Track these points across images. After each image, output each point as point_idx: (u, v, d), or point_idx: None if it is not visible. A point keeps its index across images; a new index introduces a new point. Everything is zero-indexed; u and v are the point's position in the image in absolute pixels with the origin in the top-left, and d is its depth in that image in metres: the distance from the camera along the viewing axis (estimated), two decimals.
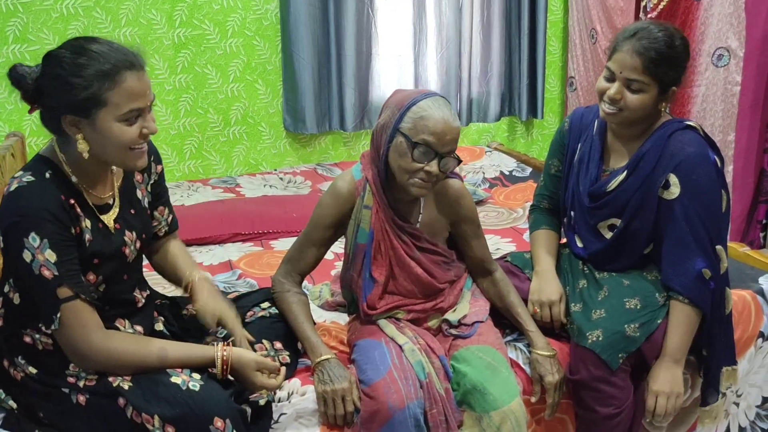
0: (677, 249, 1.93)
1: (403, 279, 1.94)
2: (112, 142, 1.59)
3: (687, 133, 1.96)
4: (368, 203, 1.90)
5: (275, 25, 3.62)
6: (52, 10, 3.26)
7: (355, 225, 1.92)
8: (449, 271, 2.01)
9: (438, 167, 1.78)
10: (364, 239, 1.91)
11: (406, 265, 1.93)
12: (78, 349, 1.61)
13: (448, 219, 1.99)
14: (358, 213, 1.91)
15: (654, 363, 1.94)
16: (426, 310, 1.98)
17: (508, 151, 3.97)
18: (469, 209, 1.99)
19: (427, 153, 1.77)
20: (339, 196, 1.93)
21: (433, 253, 1.97)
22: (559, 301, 2.05)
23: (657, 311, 1.95)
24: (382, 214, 1.90)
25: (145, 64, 1.63)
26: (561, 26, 4.23)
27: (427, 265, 1.95)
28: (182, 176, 3.66)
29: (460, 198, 1.97)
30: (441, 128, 1.76)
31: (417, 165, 1.78)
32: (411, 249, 1.93)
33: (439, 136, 1.76)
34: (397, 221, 1.91)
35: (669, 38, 1.89)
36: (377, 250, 1.92)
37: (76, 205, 1.64)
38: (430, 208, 1.96)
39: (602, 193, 2.05)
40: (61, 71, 1.54)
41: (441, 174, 1.81)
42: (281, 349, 1.87)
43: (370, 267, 1.92)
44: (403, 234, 1.92)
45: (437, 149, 1.77)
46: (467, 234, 2.01)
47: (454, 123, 1.78)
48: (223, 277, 2.57)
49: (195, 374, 1.65)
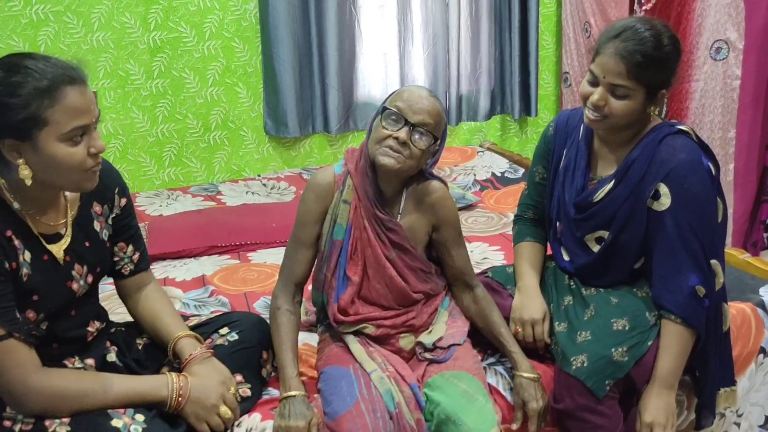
0: (668, 264, 1.79)
1: (377, 281, 1.86)
2: (59, 166, 1.47)
3: (679, 138, 1.82)
4: (347, 198, 1.85)
5: (255, 25, 3.50)
6: (21, 16, 3.15)
7: (331, 220, 1.86)
8: (426, 283, 1.91)
9: (408, 136, 1.75)
10: (340, 235, 1.85)
11: (381, 265, 1.85)
12: (14, 390, 1.49)
13: (428, 222, 1.91)
14: (336, 208, 1.86)
15: (645, 388, 1.80)
16: (396, 326, 1.87)
17: (500, 151, 3.84)
18: (450, 212, 1.92)
19: (398, 119, 1.77)
20: (319, 189, 1.88)
21: (411, 257, 1.88)
22: (542, 320, 1.91)
23: (647, 332, 1.80)
24: (361, 208, 1.84)
25: (87, 78, 1.51)
26: (554, 20, 4.08)
27: (401, 269, 1.86)
28: (162, 184, 3.55)
29: (441, 200, 1.90)
30: (412, 97, 1.79)
31: (386, 131, 1.77)
32: (388, 249, 1.85)
33: (409, 103, 1.77)
34: (378, 215, 1.84)
35: (656, 38, 1.74)
36: (353, 248, 1.85)
37: (13, 237, 1.51)
38: (410, 209, 1.89)
39: (589, 204, 1.91)
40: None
41: (413, 147, 1.77)
42: (242, 382, 1.75)
43: (345, 265, 1.84)
44: (381, 231, 1.85)
45: (407, 116, 1.76)
46: (447, 240, 1.92)
47: (428, 97, 1.80)
48: (195, 294, 2.46)
49: (139, 415, 1.53)
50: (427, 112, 1.77)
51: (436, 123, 1.79)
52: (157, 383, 1.61)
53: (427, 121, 1.77)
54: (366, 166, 1.84)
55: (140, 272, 1.83)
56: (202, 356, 1.69)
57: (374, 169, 1.83)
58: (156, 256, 2.72)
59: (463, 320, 1.95)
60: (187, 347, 1.71)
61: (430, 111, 1.78)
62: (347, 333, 1.86)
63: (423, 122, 1.76)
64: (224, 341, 1.80)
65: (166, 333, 1.75)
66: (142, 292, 1.83)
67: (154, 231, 2.88)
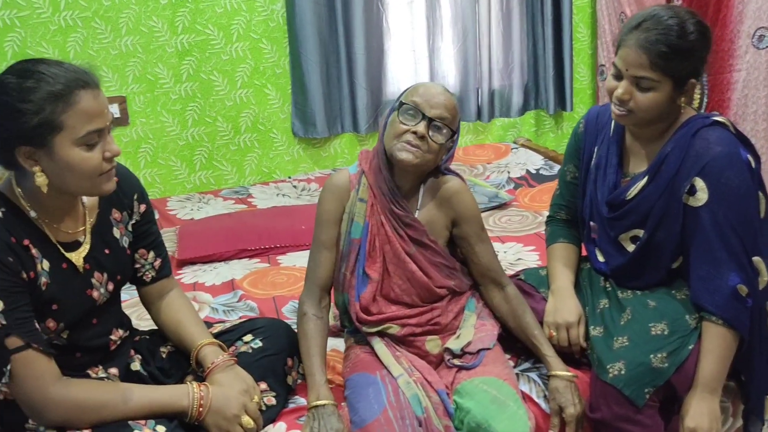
0: (707, 263, 1.71)
1: (398, 277, 1.82)
2: (75, 171, 1.46)
3: (714, 130, 1.73)
4: (363, 196, 1.84)
5: (282, 26, 3.47)
6: (50, 23, 3.16)
7: (348, 219, 1.84)
8: (449, 278, 1.86)
9: (426, 130, 1.74)
10: (358, 233, 1.83)
11: (401, 261, 1.81)
12: (33, 402, 1.47)
13: (447, 217, 1.87)
14: (352, 206, 1.84)
15: (687, 395, 1.71)
16: (421, 324, 1.82)
17: (535, 148, 3.75)
18: (469, 206, 1.88)
19: (415, 114, 1.76)
20: (335, 188, 1.87)
21: (432, 253, 1.84)
22: (577, 323, 1.84)
23: (687, 336, 1.71)
24: (378, 205, 1.82)
25: (99, 82, 1.49)
26: (588, 11, 3.97)
27: (423, 264, 1.83)
28: (193, 188, 3.55)
29: (458, 194, 1.87)
30: (428, 92, 1.78)
31: (404, 126, 1.75)
32: (407, 244, 1.82)
33: (426, 97, 1.77)
34: (394, 210, 1.82)
35: (680, 27, 1.65)
36: (372, 246, 1.83)
37: (31, 246, 1.50)
38: (428, 204, 1.86)
39: (622, 202, 1.83)
40: (7, 98, 1.41)
41: (431, 141, 1.75)
42: (266, 390, 1.71)
43: (364, 262, 1.82)
44: (399, 227, 1.82)
45: (424, 110, 1.75)
46: (470, 235, 1.87)
47: (444, 92, 1.80)
48: (224, 299, 2.45)
49: (160, 427, 1.51)
50: (444, 106, 1.76)
51: (452, 117, 1.78)
52: (177, 393, 1.58)
53: (444, 115, 1.76)
54: (380, 163, 1.82)
55: (162, 279, 1.81)
56: (224, 364, 1.66)
57: (390, 166, 1.81)
58: (186, 261, 2.72)
59: (493, 323, 1.89)
60: (209, 355, 1.68)
61: (446, 105, 1.77)
62: (372, 334, 1.82)
63: (440, 116, 1.76)
64: (248, 348, 1.77)
65: (189, 341, 1.73)
66: (164, 299, 1.81)
67: (184, 235, 2.88)
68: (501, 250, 2.67)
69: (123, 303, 1.84)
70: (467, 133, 3.98)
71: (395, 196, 1.82)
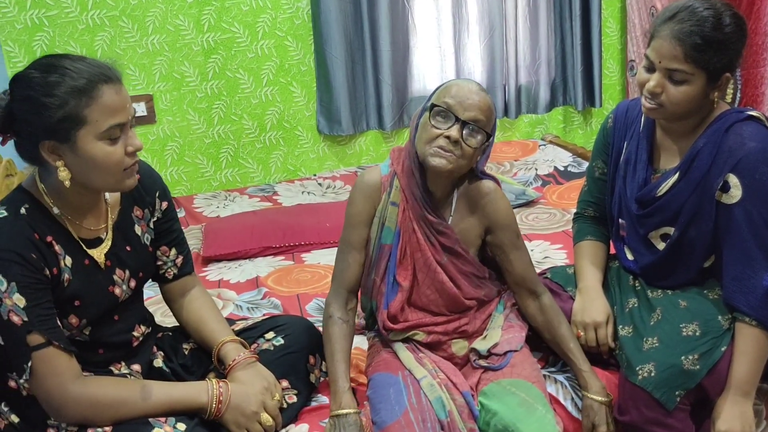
0: (741, 262, 1.65)
1: (427, 287, 1.77)
2: (98, 166, 1.46)
3: (748, 125, 1.67)
4: (395, 200, 1.76)
5: (307, 23, 3.46)
6: (78, 22, 3.18)
7: (379, 224, 1.77)
8: (479, 288, 1.81)
9: (460, 133, 1.64)
10: (389, 239, 1.76)
11: (431, 270, 1.75)
12: (52, 399, 1.47)
13: (481, 225, 1.80)
14: (384, 210, 1.77)
15: (719, 398, 1.66)
16: (448, 332, 1.78)
17: (563, 144, 3.70)
18: (504, 214, 1.80)
19: (448, 116, 1.66)
20: (367, 188, 1.79)
21: (463, 262, 1.77)
22: (605, 323, 1.80)
23: (720, 338, 1.66)
24: (410, 211, 1.75)
25: (121, 77, 1.49)
26: (618, 5, 3.91)
27: (453, 274, 1.77)
28: (219, 186, 3.56)
29: (494, 201, 1.78)
30: (462, 92, 1.67)
31: (437, 130, 1.66)
32: (439, 253, 1.76)
33: (459, 98, 1.66)
34: (427, 217, 1.74)
35: (716, 18, 1.60)
36: (403, 253, 1.76)
37: (54, 243, 1.50)
38: (461, 211, 1.78)
39: (652, 198, 1.78)
40: (32, 92, 1.41)
41: (465, 145, 1.66)
42: (288, 388, 1.70)
43: (395, 270, 1.76)
44: (431, 234, 1.75)
45: (457, 113, 1.65)
46: (504, 243, 1.80)
47: (479, 92, 1.69)
48: (248, 296, 2.45)
49: (180, 424, 1.50)
50: (479, 107, 1.66)
51: (487, 119, 1.68)
52: (196, 390, 1.57)
53: (479, 117, 1.66)
54: (412, 166, 1.74)
55: (184, 276, 1.80)
56: (245, 361, 1.65)
57: (422, 170, 1.73)
58: (212, 258, 2.73)
59: (521, 325, 1.84)
60: (231, 352, 1.67)
61: (481, 106, 1.66)
62: (397, 341, 1.79)
63: (475, 119, 1.65)
64: (270, 346, 1.75)
65: (210, 338, 1.72)
66: (186, 297, 1.80)
67: (210, 233, 2.88)
68: (528, 248, 2.62)
69: (147, 300, 1.84)
70: None
71: (428, 203, 1.75)
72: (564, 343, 1.78)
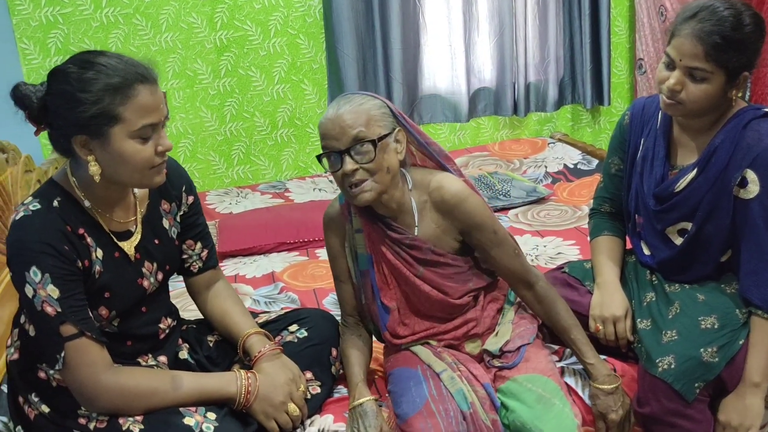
0: (757, 256, 1.68)
1: (416, 299, 1.77)
2: (127, 163, 1.49)
3: (766, 121, 1.70)
4: (358, 226, 1.76)
5: (319, 21, 3.48)
6: (92, 20, 3.21)
7: (351, 252, 1.79)
8: (466, 283, 1.77)
9: (352, 163, 1.59)
10: (365, 265, 1.77)
11: (412, 285, 1.74)
12: (85, 389, 1.50)
13: (455, 229, 1.74)
14: (351, 240, 1.78)
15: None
16: (458, 338, 1.80)
17: (572, 142, 3.72)
18: (475, 214, 1.70)
19: (334, 158, 1.61)
20: (331, 222, 1.81)
21: (441, 266, 1.74)
22: (624, 317, 1.83)
23: (738, 331, 1.69)
24: (374, 235, 1.74)
25: (157, 77, 1.52)
26: (626, 4, 3.93)
27: (435, 282, 1.74)
28: (231, 182, 3.58)
29: (460, 203, 1.69)
30: (325, 128, 1.62)
31: (337, 175, 1.62)
32: (414, 267, 1.73)
33: (328, 134, 1.61)
34: (391, 235, 1.72)
35: (736, 18, 1.63)
36: (381, 275, 1.77)
37: (86, 235, 1.53)
38: (427, 217, 1.73)
39: (669, 194, 1.81)
40: (68, 87, 1.44)
41: (365, 167, 1.59)
42: (311, 379, 1.73)
43: (379, 293, 1.77)
44: (402, 251, 1.73)
45: (336, 147, 1.60)
46: (483, 242, 1.73)
47: (336, 115, 1.60)
48: (265, 290, 2.48)
49: (210, 413, 1.53)
50: (348, 125, 1.58)
51: (366, 126, 1.59)
52: (225, 380, 1.60)
53: (353, 133, 1.58)
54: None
55: (209, 269, 1.83)
56: (271, 353, 1.68)
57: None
58: (226, 254, 2.75)
59: (531, 316, 1.85)
60: (256, 344, 1.70)
61: (350, 123, 1.58)
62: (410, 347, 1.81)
63: (352, 138, 1.58)
64: (294, 338, 1.78)
65: (235, 330, 1.75)
66: (211, 290, 1.83)
67: (224, 229, 2.91)
68: (541, 244, 2.66)
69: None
70: (503, 127, 3.97)
71: (387, 222, 1.72)
72: (566, 334, 1.77)
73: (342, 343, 1.81)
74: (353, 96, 1.65)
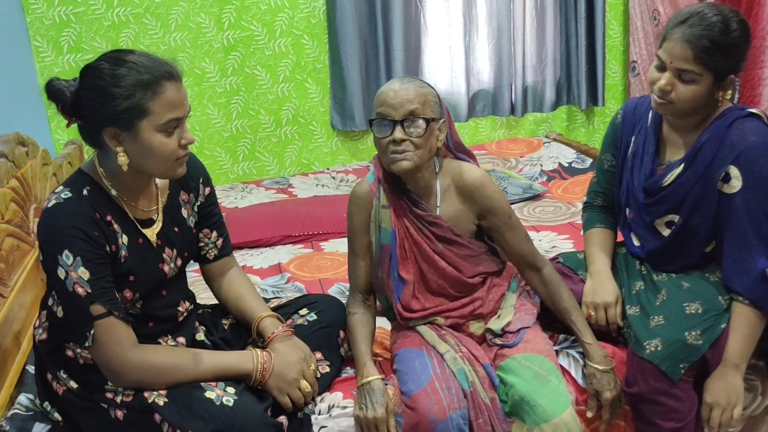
0: (739, 247, 1.80)
1: (431, 275, 1.90)
2: (154, 154, 1.59)
3: (749, 121, 1.82)
4: (385, 203, 1.89)
5: (323, 22, 3.59)
6: (104, 19, 3.31)
7: (376, 227, 1.91)
8: (477, 265, 1.92)
9: (402, 133, 1.75)
10: (387, 239, 1.89)
11: (431, 260, 1.88)
12: (112, 365, 1.60)
13: (473, 212, 1.90)
14: (377, 214, 1.90)
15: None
16: (464, 316, 1.92)
17: (567, 142, 3.84)
18: (493, 199, 1.88)
19: (385, 123, 1.77)
20: (359, 200, 1.93)
21: (458, 246, 1.89)
22: (615, 303, 1.94)
23: (720, 316, 1.81)
24: (399, 210, 1.88)
25: (182, 76, 1.63)
26: (621, 8, 4.06)
27: (451, 259, 1.89)
28: (236, 178, 3.69)
29: (480, 187, 1.87)
30: (388, 95, 1.77)
31: (383, 140, 1.78)
32: (434, 243, 1.88)
33: (387, 102, 1.76)
34: (416, 212, 1.87)
35: (724, 24, 1.75)
36: (402, 249, 1.89)
37: (113, 222, 1.64)
38: (449, 200, 1.89)
39: (658, 188, 1.92)
40: (102, 82, 1.54)
41: (412, 139, 1.75)
42: (321, 359, 1.84)
43: (397, 267, 1.89)
44: (424, 227, 1.88)
45: (391, 116, 1.76)
46: (499, 226, 1.90)
47: (403, 86, 1.77)
48: (272, 280, 2.57)
49: (230, 388, 1.63)
50: (408, 100, 1.75)
51: (422, 105, 1.76)
52: (243, 358, 1.71)
53: (409, 108, 1.74)
54: (387, 172, 1.87)
55: (224, 257, 1.93)
56: (283, 334, 1.78)
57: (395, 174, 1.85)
58: (234, 246, 2.82)
59: (532, 302, 1.98)
60: (269, 326, 1.80)
61: (410, 98, 1.75)
62: (418, 326, 1.92)
63: (408, 112, 1.75)
64: (304, 321, 1.89)
65: (250, 313, 1.85)
66: (225, 276, 1.93)
67: (230, 222, 2.91)
68: (536, 238, 2.76)
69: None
70: (500, 127, 4.08)
71: (413, 199, 1.87)
72: (567, 315, 1.90)
73: (348, 318, 1.92)
74: (415, 79, 1.82)
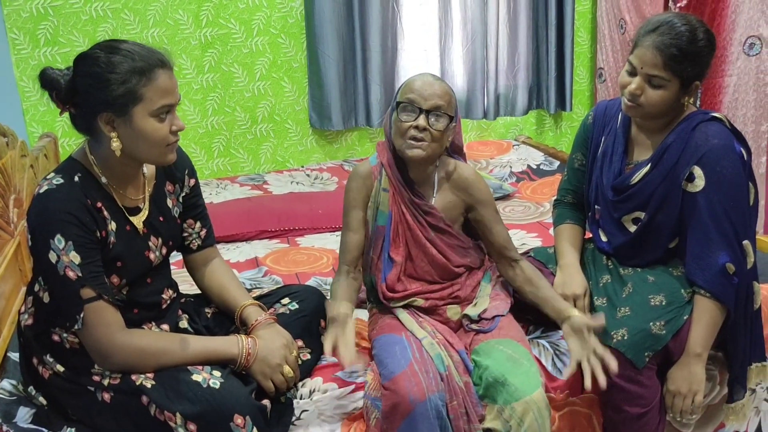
0: (701, 243, 1.90)
1: (420, 260, 1.99)
2: (147, 139, 1.64)
3: (712, 124, 1.93)
4: (385, 186, 1.99)
5: (300, 22, 3.64)
6: (82, 13, 3.31)
7: (374, 208, 2.00)
8: (465, 257, 2.04)
9: (426, 122, 1.86)
10: (383, 221, 1.98)
11: (422, 246, 1.98)
12: (101, 348, 1.64)
13: (463, 204, 2.02)
14: (377, 196, 2.00)
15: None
16: (443, 297, 2.00)
17: (535, 145, 3.94)
18: (483, 193, 2.03)
19: (412, 109, 1.87)
20: (360, 177, 2.02)
21: (449, 236, 2.00)
22: (583, 295, 2.03)
23: (683, 308, 1.91)
24: (398, 195, 1.97)
25: (173, 64, 1.68)
26: (589, 17, 4.18)
27: (441, 247, 1.99)
28: (211, 174, 3.71)
29: (474, 182, 2.01)
30: (420, 85, 1.89)
31: (406, 124, 1.87)
32: (427, 230, 1.98)
33: (419, 91, 1.88)
34: (414, 200, 1.97)
35: (691, 33, 1.85)
36: (395, 232, 1.99)
37: (103, 208, 1.68)
38: (443, 192, 2.01)
39: (626, 186, 2.02)
40: (98, 69, 1.59)
41: (432, 131, 1.86)
42: (302, 346, 1.89)
43: (389, 248, 1.98)
44: (419, 215, 1.98)
45: (419, 104, 1.86)
46: (486, 218, 2.02)
47: (435, 82, 1.90)
48: (250, 274, 2.60)
49: (216, 371, 1.68)
50: (438, 95, 1.87)
51: (447, 103, 1.89)
52: (228, 343, 1.76)
53: (439, 103, 1.87)
54: (393, 158, 1.97)
55: (207, 247, 1.98)
56: (266, 322, 1.83)
57: (402, 160, 1.96)
58: None
59: (506, 293, 2.07)
60: (252, 314, 1.85)
61: (439, 94, 1.88)
62: (397, 307, 2.00)
63: (435, 106, 1.87)
64: (286, 310, 1.94)
65: (233, 302, 1.90)
66: (208, 266, 1.98)
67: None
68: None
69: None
70: (471, 129, 4.17)
71: (413, 188, 1.98)
72: (544, 290, 1.98)
73: (333, 284, 1.99)
74: (442, 79, 1.95)
